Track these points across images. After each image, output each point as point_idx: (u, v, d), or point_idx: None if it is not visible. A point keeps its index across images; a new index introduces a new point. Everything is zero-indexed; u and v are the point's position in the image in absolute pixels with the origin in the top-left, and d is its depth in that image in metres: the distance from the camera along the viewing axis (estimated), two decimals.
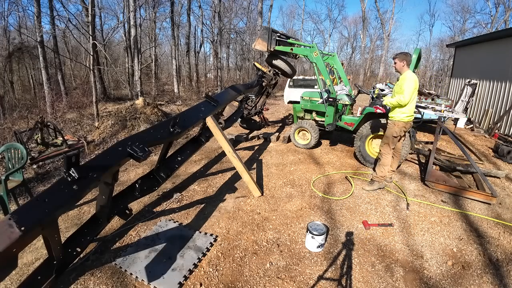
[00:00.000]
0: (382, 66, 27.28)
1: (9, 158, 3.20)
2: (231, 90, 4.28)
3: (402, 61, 3.16)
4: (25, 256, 2.40)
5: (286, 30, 31.34)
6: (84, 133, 6.95)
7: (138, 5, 12.50)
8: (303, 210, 3.09)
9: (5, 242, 1.27)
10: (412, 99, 3.11)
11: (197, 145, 3.44)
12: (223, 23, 17.24)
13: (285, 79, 10.65)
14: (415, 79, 3.08)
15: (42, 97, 10.46)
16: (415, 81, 3.07)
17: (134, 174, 4.19)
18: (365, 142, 4.30)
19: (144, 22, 16.50)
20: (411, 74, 3.11)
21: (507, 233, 2.70)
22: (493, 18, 21.57)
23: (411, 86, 3.03)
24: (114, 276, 2.14)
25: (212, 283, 2.07)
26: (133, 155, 2.00)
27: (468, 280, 2.11)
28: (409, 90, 3.01)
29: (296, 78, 11.18)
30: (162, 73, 25.32)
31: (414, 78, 3.08)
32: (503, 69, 7.13)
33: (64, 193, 1.61)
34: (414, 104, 3.20)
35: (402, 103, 3.05)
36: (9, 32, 13.57)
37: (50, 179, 4.23)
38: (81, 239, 2.07)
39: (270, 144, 5.73)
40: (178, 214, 3.03)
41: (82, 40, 13.02)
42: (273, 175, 4.08)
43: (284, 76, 5.99)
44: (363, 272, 2.18)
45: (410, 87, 3.03)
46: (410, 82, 3.03)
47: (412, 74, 3.12)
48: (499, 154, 4.95)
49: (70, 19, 10.39)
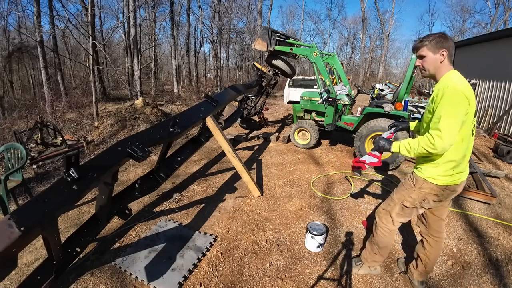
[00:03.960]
0: (381, 66, 27.31)
1: (8, 158, 3.20)
2: (231, 90, 4.28)
3: (438, 50, 1.52)
4: (24, 256, 2.40)
5: (286, 30, 31.35)
6: (84, 133, 6.94)
7: (138, 5, 12.49)
8: (302, 210, 3.09)
9: (5, 242, 1.27)
10: (464, 137, 1.53)
11: (196, 145, 3.44)
12: (222, 23, 17.23)
13: (284, 79, 10.67)
14: (465, 90, 1.43)
15: (41, 97, 10.45)
16: (466, 96, 1.42)
17: (133, 174, 4.19)
18: (364, 142, 4.31)
19: (144, 22, 16.51)
20: (458, 81, 1.47)
21: (507, 233, 2.70)
22: (493, 18, 21.60)
23: (457, 109, 1.42)
24: (114, 276, 2.14)
25: (212, 283, 2.07)
26: (132, 155, 2.00)
27: (467, 280, 2.11)
28: (454, 119, 1.41)
29: (296, 78, 11.18)
30: (162, 73, 25.31)
31: (464, 89, 1.43)
32: (502, 69, 7.13)
33: (64, 193, 1.61)
34: (468, 145, 1.59)
35: (437, 149, 1.43)
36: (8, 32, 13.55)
37: (50, 179, 4.23)
38: (81, 239, 2.07)
39: (270, 144, 5.73)
40: (178, 214, 3.03)
41: (82, 40, 12.99)
42: (273, 175, 4.08)
43: (283, 76, 5.98)
44: None
45: (456, 113, 1.41)
46: (455, 100, 1.41)
47: (460, 81, 1.48)
48: (498, 154, 4.95)
49: (69, 19, 10.39)
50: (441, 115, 1.43)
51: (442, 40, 1.51)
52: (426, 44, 1.54)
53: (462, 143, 1.54)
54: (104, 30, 16.56)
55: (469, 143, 1.58)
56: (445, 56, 1.51)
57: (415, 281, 1.98)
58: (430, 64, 1.57)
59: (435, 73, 1.58)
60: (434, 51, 1.53)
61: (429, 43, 1.53)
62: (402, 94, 4.14)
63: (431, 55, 1.54)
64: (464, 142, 1.54)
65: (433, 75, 1.59)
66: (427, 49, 1.54)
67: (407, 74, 4.04)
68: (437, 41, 1.51)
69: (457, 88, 1.42)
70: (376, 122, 4.18)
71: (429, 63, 1.57)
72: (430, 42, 1.53)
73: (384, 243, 1.90)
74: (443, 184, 1.60)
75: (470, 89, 1.47)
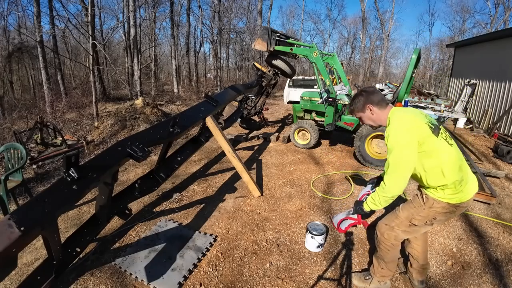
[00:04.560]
0: (381, 66, 27.29)
1: (8, 158, 3.20)
2: (231, 90, 4.28)
3: (364, 109, 1.63)
4: (24, 256, 2.40)
5: (286, 30, 31.34)
6: (84, 133, 6.94)
7: (137, 5, 12.50)
8: (302, 210, 3.09)
9: (5, 242, 1.27)
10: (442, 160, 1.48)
11: (196, 145, 3.44)
12: (222, 23, 17.24)
13: (284, 79, 10.66)
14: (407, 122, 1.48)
15: (41, 97, 10.45)
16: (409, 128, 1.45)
17: (133, 174, 4.19)
18: (364, 142, 4.31)
19: (144, 22, 16.49)
20: (398, 117, 1.51)
21: (507, 233, 2.70)
22: (493, 18, 21.58)
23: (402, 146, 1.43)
24: (114, 276, 2.14)
25: (212, 283, 2.07)
26: (132, 155, 2.00)
27: (467, 280, 2.11)
28: (402, 158, 1.43)
29: (296, 78, 11.18)
30: (162, 73, 25.30)
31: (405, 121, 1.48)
32: (502, 69, 7.14)
33: (64, 193, 1.61)
34: (453, 158, 1.51)
35: (390, 194, 1.48)
36: (8, 32, 13.55)
37: (50, 179, 4.23)
38: (81, 239, 2.07)
39: (270, 144, 5.73)
40: (178, 214, 3.03)
41: (82, 40, 12.99)
42: (273, 175, 4.08)
43: (283, 76, 5.99)
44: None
45: (402, 151, 1.43)
46: (398, 137, 1.45)
47: (400, 117, 1.51)
48: (498, 154, 4.95)
49: (69, 19, 10.38)
50: (388, 157, 1.49)
51: (362, 99, 1.63)
52: (353, 109, 1.71)
53: (448, 163, 1.49)
54: (104, 30, 16.57)
55: (449, 155, 1.50)
56: (373, 109, 1.61)
57: (415, 280, 1.98)
58: (368, 120, 1.69)
59: (378, 123, 1.67)
60: (363, 110, 1.65)
61: (355, 107, 1.69)
62: (402, 94, 4.14)
63: (363, 114, 1.67)
64: (446, 161, 1.49)
65: (378, 125, 1.68)
66: (357, 112, 1.69)
67: (407, 74, 4.04)
68: (358, 103, 1.65)
69: (397, 125, 1.48)
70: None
71: (366, 120, 1.70)
72: (355, 107, 1.68)
73: (389, 258, 1.82)
74: (456, 202, 1.54)
75: (415, 117, 1.50)
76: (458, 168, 1.51)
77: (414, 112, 1.56)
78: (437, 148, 1.48)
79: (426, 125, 1.48)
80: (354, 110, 1.70)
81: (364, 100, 1.62)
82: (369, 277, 1.99)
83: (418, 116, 1.53)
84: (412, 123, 1.48)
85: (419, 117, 1.52)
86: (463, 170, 1.55)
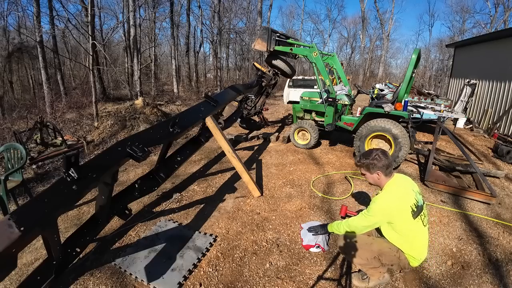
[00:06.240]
0: (381, 66, 27.32)
1: (8, 158, 3.20)
2: (231, 90, 4.28)
3: (373, 172, 1.79)
4: (24, 256, 2.40)
5: (286, 30, 31.34)
6: (84, 133, 6.95)
7: (137, 5, 12.49)
8: (302, 210, 3.09)
9: (5, 242, 1.27)
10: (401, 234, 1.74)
11: (196, 145, 3.44)
12: (222, 23, 17.25)
13: (284, 79, 10.66)
14: (388, 206, 1.71)
15: (41, 97, 10.46)
16: (386, 212, 1.71)
17: (133, 174, 4.19)
18: (364, 142, 4.30)
19: (144, 22, 16.47)
20: (388, 197, 1.74)
21: (507, 233, 2.70)
22: (493, 18, 21.60)
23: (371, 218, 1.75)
24: (114, 276, 2.14)
25: (212, 283, 2.07)
26: (132, 155, 2.00)
27: (467, 280, 2.11)
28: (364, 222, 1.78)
29: (296, 78, 11.18)
30: (162, 73, 25.28)
31: (387, 205, 1.71)
32: (502, 69, 7.14)
33: (64, 193, 1.61)
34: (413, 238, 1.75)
35: (349, 229, 1.84)
36: (8, 32, 13.56)
37: (50, 179, 4.23)
38: (81, 239, 2.07)
39: (270, 144, 5.73)
40: (178, 214, 3.03)
41: (82, 40, 12.99)
42: (273, 175, 4.07)
43: (283, 76, 5.99)
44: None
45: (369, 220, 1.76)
46: (374, 211, 1.74)
47: (390, 196, 1.74)
48: (498, 154, 4.95)
49: (69, 19, 10.37)
50: (367, 208, 1.78)
51: (375, 163, 1.76)
52: (361, 166, 1.85)
53: (413, 242, 1.74)
54: (104, 30, 16.58)
55: (420, 234, 1.75)
56: (381, 175, 1.78)
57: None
58: (370, 179, 1.86)
59: (377, 185, 1.86)
60: (371, 172, 1.80)
61: (365, 166, 1.82)
62: (402, 94, 4.14)
63: (369, 175, 1.83)
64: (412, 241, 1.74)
65: (377, 185, 1.87)
66: (365, 170, 1.83)
67: (407, 74, 4.04)
68: (370, 165, 1.78)
69: (382, 199, 1.74)
70: (376, 122, 4.18)
71: (370, 179, 1.86)
72: (365, 166, 1.82)
73: (376, 275, 1.94)
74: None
75: (400, 201, 1.69)
76: (422, 247, 1.78)
77: (406, 190, 1.74)
78: (408, 230, 1.72)
79: (408, 208, 1.68)
80: (362, 166, 1.83)
81: (378, 167, 1.76)
82: (366, 276, 2.04)
83: (406, 197, 1.71)
84: (393, 206, 1.70)
85: (406, 199, 1.70)
86: (424, 251, 1.81)
